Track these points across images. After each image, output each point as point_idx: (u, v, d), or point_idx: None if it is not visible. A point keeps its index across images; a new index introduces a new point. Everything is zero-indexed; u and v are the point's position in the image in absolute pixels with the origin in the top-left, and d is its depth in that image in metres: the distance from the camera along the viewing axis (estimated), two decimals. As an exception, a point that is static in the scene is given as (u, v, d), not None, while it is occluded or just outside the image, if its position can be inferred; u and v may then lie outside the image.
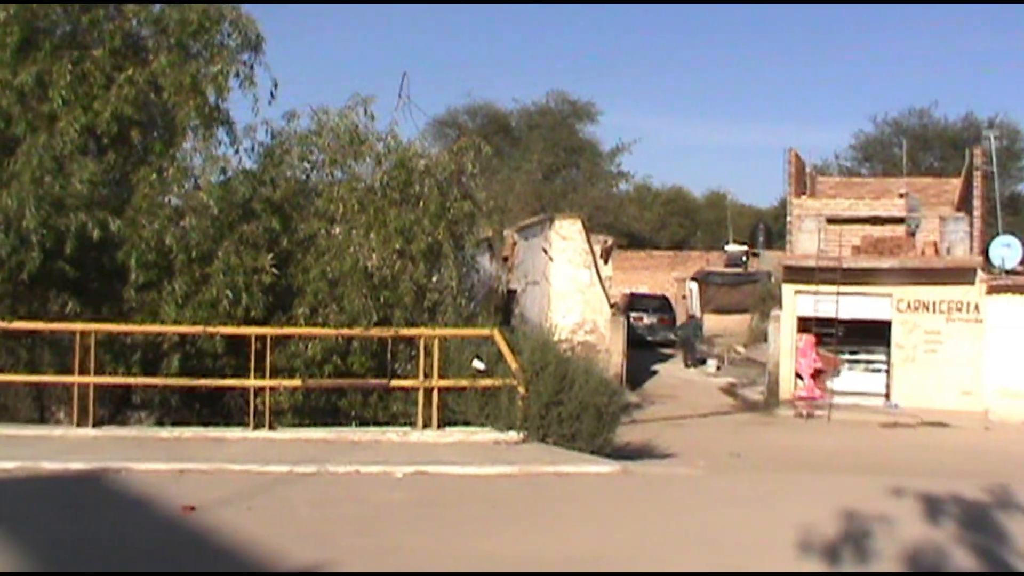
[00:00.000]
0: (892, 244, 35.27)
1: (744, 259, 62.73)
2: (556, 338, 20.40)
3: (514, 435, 17.26)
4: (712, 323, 54.76)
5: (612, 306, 35.26)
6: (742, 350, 50.63)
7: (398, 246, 19.18)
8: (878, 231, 36.16)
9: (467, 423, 17.98)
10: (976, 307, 33.39)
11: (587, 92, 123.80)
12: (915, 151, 64.97)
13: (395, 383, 18.39)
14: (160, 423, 19.11)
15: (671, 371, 44.73)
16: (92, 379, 17.39)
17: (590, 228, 35.53)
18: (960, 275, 33.49)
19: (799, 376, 34.96)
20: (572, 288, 33.65)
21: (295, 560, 10.39)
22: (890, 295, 34.21)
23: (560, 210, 46.25)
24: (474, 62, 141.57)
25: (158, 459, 15.01)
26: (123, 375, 18.54)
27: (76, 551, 10.66)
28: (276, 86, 20.42)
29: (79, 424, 17.29)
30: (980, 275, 33.47)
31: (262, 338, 17.54)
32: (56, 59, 19.02)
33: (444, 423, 17.68)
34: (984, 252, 34.41)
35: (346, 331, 18.51)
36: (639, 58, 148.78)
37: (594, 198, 65.69)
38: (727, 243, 67.96)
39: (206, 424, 18.24)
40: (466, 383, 17.94)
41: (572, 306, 33.50)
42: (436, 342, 17.76)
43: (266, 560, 10.44)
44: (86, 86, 18.99)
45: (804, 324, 34.97)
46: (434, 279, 20.05)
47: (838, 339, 34.45)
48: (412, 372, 18.33)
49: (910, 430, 30.32)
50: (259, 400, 17.51)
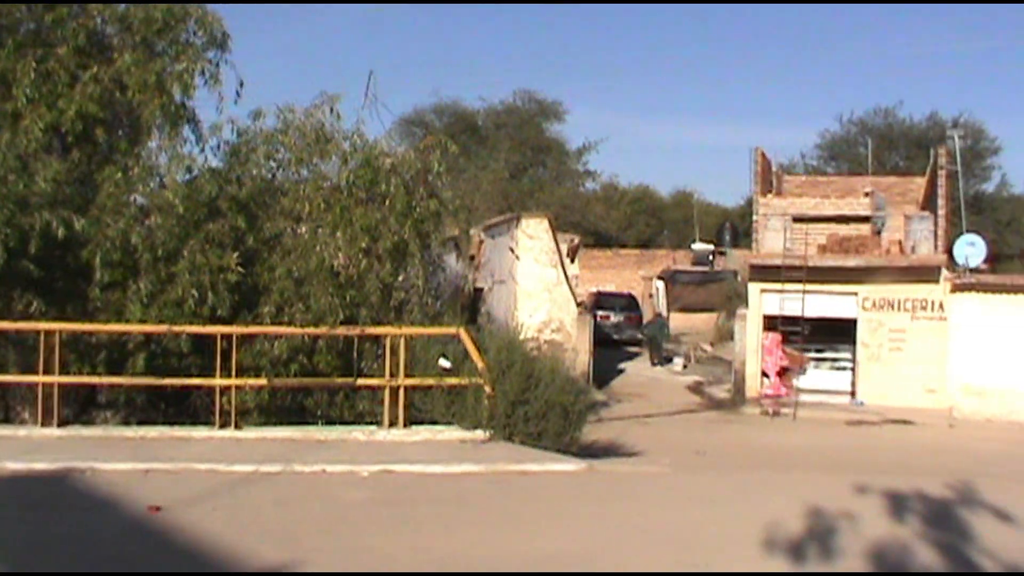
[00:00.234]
0: (857, 243, 35.35)
1: (710, 258, 62.94)
2: (522, 337, 20.43)
3: (480, 434, 17.28)
4: (679, 321, 54.85)
5: (579, 305, 35.26)
6: (708, 348, 50.76)
7: (364, 245, 19.11)
8: (844, 230, 36.23)
9: (433, 422, 18.00)
10: (940, 305, 33.55)
11: (554, 91, 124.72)
12: (880, 150, 65.26)
13: (361, 382, 18.40)
14: (126, 423, 19.00)
15: (638, 369, 44.78)
16: (57, 379, 17.34)
17: (557, 227, 35.45)
18: (925, 274, 33.65)
19: (765, 374, 35.05)
20: (539, 287, 33.62)
21: (261, 560, 10.38)
22: (855, 293, 34.35)
23: (527, 209, 46.37)
24: (441, 61, 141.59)
25: (123, 459, 14.99)
26: (88, 374, 18.44)
27: (41, 552, 10.63)
28: (242, 85, 20.37)
29: (44, 424, 17.24)
30: (944, 274, 33.63)
31: (228, 337, 17.52)
32: (20, 57, 18.91)
33: (410, 422, 17.69)
34: (948, 251, 34.54)
35: (312, 330, 18.45)
36: (606, 57, 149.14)
37: (561, 197, 65.84)
38: (694, 242, 68.13)
39: (172, 424, 18.19)
40: (432, 382, 17.97)
41: (539, 305, 33.47)
42: (402, 341, 17.77)
43: (232, 560, 10.43)
44: (50, 84, 18.88)
45: (770, 322, 35.05)
46: (400, 278, 20.00)
47: (804, 337, 34.55)
48: (378, 371, 18.31)
49: (875, 428, 30.44)
50: (225, 399, 17.50)
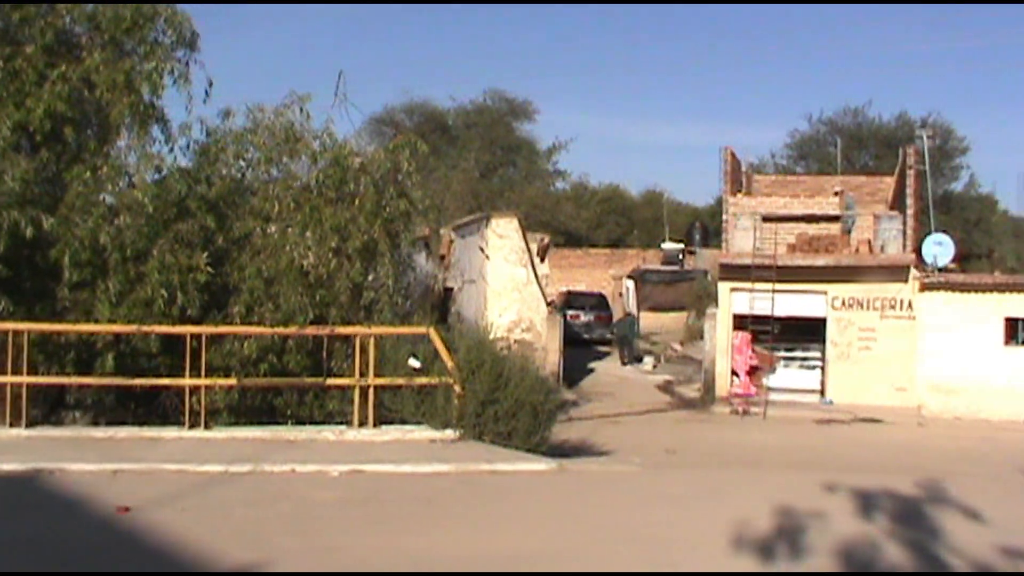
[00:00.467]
0: (827, 242, 35.45)
1: (680, 257, 63.01)
2: (492, 336, 20.49)
3: (450, 433, 17.31)
4: (649, 321, 54.89)
5: (549, 304, 35.25)
6: (678, 348, 50.81)
7: (334, 244, 19.10)
8: (813, 229, 36.30)
9: (403, 421, 18.02)
10: (909, 304, 33.69)
11: (524, 90, 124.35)
12: (849, 150, 65.42)
13: (331, 381, 18.40)
14: (95, 423, 18.92)
15: (608, 369, 44.80)
16: (25, 379, 17.28)
17: (527, 226, 35.47)
18: (894, 273, 33.78)
19: (735, 373, 35.12)
20: (509, 286, 33.60)
21: (230, 560, 10.38)
22: (825, 293, 34.45)
23: (497, 208, 46.31)
24: (411, 60, 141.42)
25: (92, 459, 14.95)
26: (57, 375, 18.37)
27: (9, 552, 10.60)
28: (211, 84, 20.35)
29: (12, 424, 17.18)
30: (913, 273, 33.75)
31: (197, 337, 17.49)
32: (-13, 55, 18.84)
33: (380, 422, 17.72)
34: (917, 250, 34.65)
35: (282, 330, 18.42)
36: (576, 57, 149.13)
37: (531, 196, 65.87)
38: (663, 241, 68.20)
39: (141, 424, 18.13)
40: (402, 381, 17.99)
41: (509, 304, 33.46)
42: (372, 340, 17.79)
43: (201, 560, 10.43)
44: (18, 83, 18.80)
45: (740, 321, 35.11)
46: (370, 277, 19.99)
47: (774, 336, 34.61)
48: (348, 371, 18.32)
49: (844, 426, 30.56)
50: (195, 399, 17.48)
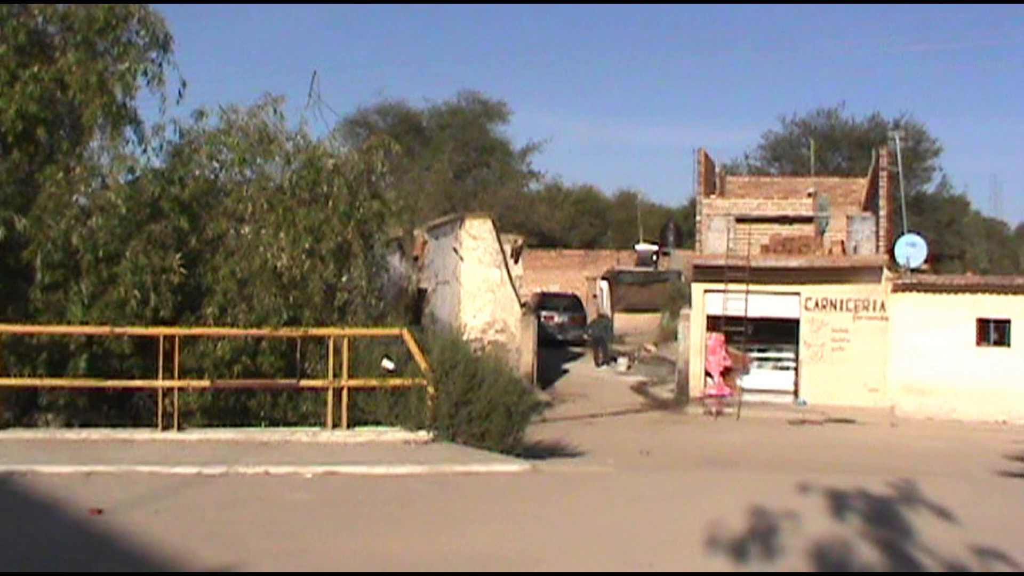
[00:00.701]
0: (800, 243, 35.58)
1: (654, 258, 63.02)
2: (466, 337, 20.48)
3: (424, 434, 17.30)
4: (622, 322, 54.91)
5: (523, 305, 35.30)
6: (652, 348, 50.86)
7: (307, 246, 19.09)
8: (786, 230, 36.45)
9: (377, 423, 17.99)
10: (882, 305, 33.85)
11: (498, 92, 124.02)
12: (823, 151, 65.57)
13: (305, 383, 18.35)
14: (67, 425, 18.81)
15: (582, 370, 44.83)
16: (-4, 381, 17.20)
17: (500, 227, 35.50)
18: (866, 274, 33.92)
19: (708, 374, 35.24)
20: (482, 287, 33.63)
21: (203, 562, 10.35)
22: (798, 294, 34.60)
23: (471, 209, 46.38)
24: (385, 61, 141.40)
25: (65, 461, 14.88)
26: (29, 376, 18.24)
27: (-21, 556, 10.55)
28: (185, 85, 20.34)
29: (-17, 426, 17.10)
30: (886, 274, 33.92)
31: (170, 338, 17.41)
32: (-42, 56, 18.75)
33: (354, 423, 17.69)
34: (890, 251, 34.82)
35: (255, 331, 18.40)
36: (550, 58, 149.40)
37: (505, 197, 65.85)
38: (637, 242, 68.19)
39: (114, 426, 18.03)
40: (376, 383, 17.96)
41: (482, 305, 33.50)
42: (346, 342, 17.76)
43: (174, 562, 10.40)
44: (-10, 83, 18.74)
45: (713, 322, 35.25)
46: (344, 279, 19.99)
47: (747, 337, 34.74)
48: (322, 372, 18.29)
49: (818, 427, 30.70)
50: (168, 401, 17.40)
